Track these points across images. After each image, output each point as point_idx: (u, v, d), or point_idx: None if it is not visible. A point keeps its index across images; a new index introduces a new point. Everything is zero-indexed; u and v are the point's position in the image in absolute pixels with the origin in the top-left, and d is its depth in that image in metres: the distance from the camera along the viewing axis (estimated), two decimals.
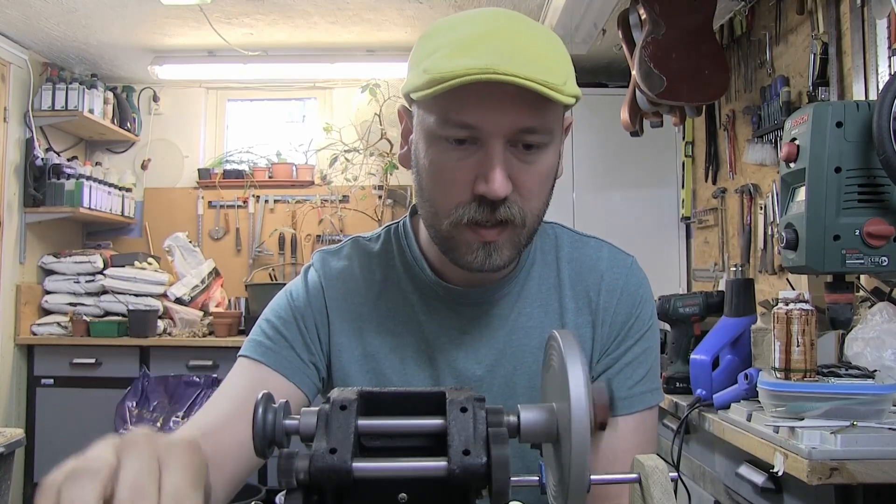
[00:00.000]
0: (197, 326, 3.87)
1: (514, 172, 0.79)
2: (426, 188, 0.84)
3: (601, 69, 3.81)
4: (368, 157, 4.25)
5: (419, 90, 0.76)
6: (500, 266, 0.84)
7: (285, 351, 0.92)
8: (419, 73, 0.77)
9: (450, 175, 0.80)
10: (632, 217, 3.67)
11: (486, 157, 0.78)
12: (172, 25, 3.60)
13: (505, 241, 0.82)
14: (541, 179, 0.83)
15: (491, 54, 0.73)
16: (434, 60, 0.76)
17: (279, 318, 0.94)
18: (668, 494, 0.50)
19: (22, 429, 2.85)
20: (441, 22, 0.83)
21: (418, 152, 0.84)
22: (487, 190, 0.77)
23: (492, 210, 0.79)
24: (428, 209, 0.85)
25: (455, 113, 0.77)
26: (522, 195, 0.81)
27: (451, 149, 0.79)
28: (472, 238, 0.82)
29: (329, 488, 0.47)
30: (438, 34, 0.80)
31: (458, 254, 0.84)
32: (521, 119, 0.77)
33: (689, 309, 1.93)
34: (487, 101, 0.75)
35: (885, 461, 1.20)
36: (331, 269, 0.97)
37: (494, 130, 0.77)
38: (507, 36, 0.77)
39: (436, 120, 0.79)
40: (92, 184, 3.93)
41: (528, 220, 0.83)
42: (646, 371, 0.95)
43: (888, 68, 2.01)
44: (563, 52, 0.81)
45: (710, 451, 1.74)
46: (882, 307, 1.63)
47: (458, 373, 0.93)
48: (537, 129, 0.78)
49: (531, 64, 0.74)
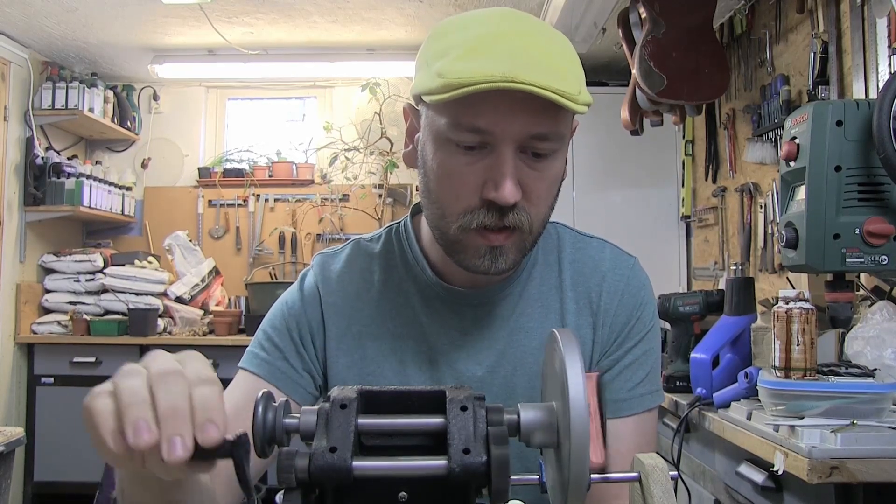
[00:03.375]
0: (197, 325, 3.87)
1: (523, 178, 0.79)
2: (434, 190, 0.83)
3: (601, 68, 3.81)
4: (368, 155, 4.25)
5: (433, 94, 0.75)
6: (506, 270, 0.84)
7: (279, 362, 0.92)
8: (432, 75, 0.76)
9: (459, 179, 0.80)
10: (632, 216, 3.67)
11: (497, 162, 0.77)
12: (172, 24, 3.60)
13: (511, 246, 0.83)
14: (549, 185, 0.83)
15: (507, 60, 0.72)
16: (448, 63, 0.74)
17: (273, 329, 0.95)
18: (669, 493, 0.50)
19: (22, 428, 2.85)
20: (450, 21, 0.82)
21: (426, 153, 0.83)
22: (497, 196, 0.77)
23: (500, 216, 0.79)
24: (435, 211, 0.85)
25: (467, 117, 0.76)
26: (531, 201, 0.80)
27: (460, 152, 0.78)
28: (479, 242, 0.82)
29: (329, 487, 0.47)
30: (449, 33, 0.79)
31: (465, 256, 0.84)
32: (533, 126, 0.76)
33: (689, 308, 1.93)
34: (501, 108, 0.74)
35: (885, 460, 1.20)
36: (329, 272, 0.97)
37: (506, 136, 0.76)
38: (521, 40, 0.75)
39: (447, 123, 0.77)
40: (92, 183, 3.93)
41: (535, 225, 0.83)
42: (646, 373, 0.94)
43: (888, 67, 2.01)
44: (574, 57, 0.80)
45: (711, 450, 1.74)
46: (882, 306, 1.63)
47: (458, 373, 0.93)
48: (549, 137, 0.78)
49: (548, 72, 0.73)
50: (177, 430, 0.46)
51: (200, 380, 0.49)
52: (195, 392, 0.48)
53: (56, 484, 3.63)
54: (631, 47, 2.68)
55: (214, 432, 0.46)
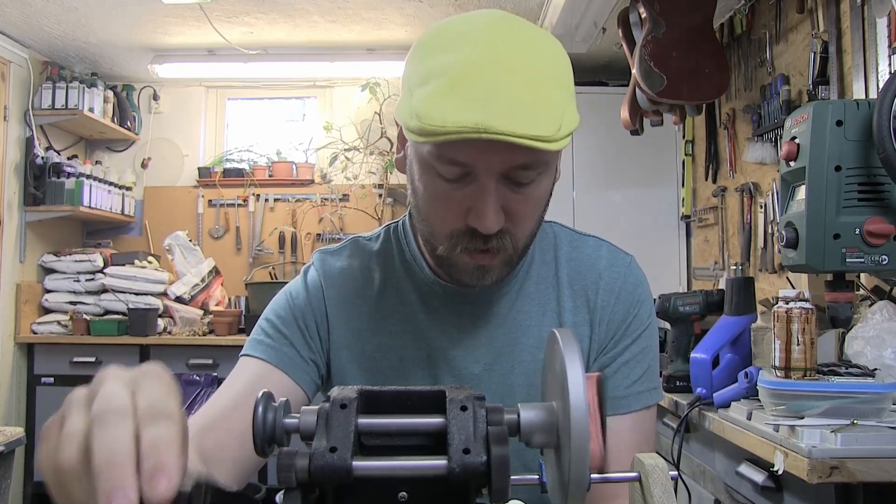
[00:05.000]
0: (197, 325, 3.87)
1: (507, 204, 0.79)
2: (422, 209, 0.85)
3: (601, 68, 3.81)
4: (368, 155, 4.25)
5: (410, 131, 0.75)
6: (495, 283, 0.87)
7: (286, 348, 0.92)
8: (410, 111, 0.75)
9: (444, 203, 0.81)
10: (632, 216, 3.67)
11: (479, 193, 0.77)
12: (172, 24, 3.60)
13: (498, 263, 0.85)
14: (535, 205, 0.83)
15: (483, 104, 0.71)
16: (424, 100, 0.73)
17: (279, 318, 0.95)
18: (669, 493, 0.50)
19: (22, 427, 2.85)
20: (438, 32, 0.80)
21: (413, 172, 0.84)
22: (479, 226, 0.78)
23: (484, 241, 0.81)
24: (424, 228, 0.87)
25: (448, 152, 0.76)
26: (515, 224, 0.81)
27: (444, 180, 0.79)
28: (466, 261, 0.84)
29: (329, 487, 0.47)
30: (432, 53, 0.78)
31: (454, 271, 0.86)
32: (514, 159, 0.76)
33: (689, 308, 1.93)
34: (481, 145, 0.73)
35: (885, 460, 1.20)
36: (330, 268, 0.98)
37: (488, 168, 0.76)
38: (502, 72, 0.73)
39: (429, 152, 0.78)
40: (92, 182, 3.93)
41: (521, 243, 0.85)
42: (643, 370, 0.94)
43: (888, 67, 2.01)
44: (562, 75, 0.78)
45: (711, 450, 1.74)
46: (882, 306, 1.63)
47: (456, 371, 0.93)
48: (531, 166, 0.78)
49: (526, 114, 0.72)
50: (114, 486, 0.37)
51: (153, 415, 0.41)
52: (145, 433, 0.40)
53: None
54: (631, 47, 2.68)
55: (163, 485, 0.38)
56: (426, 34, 0.82)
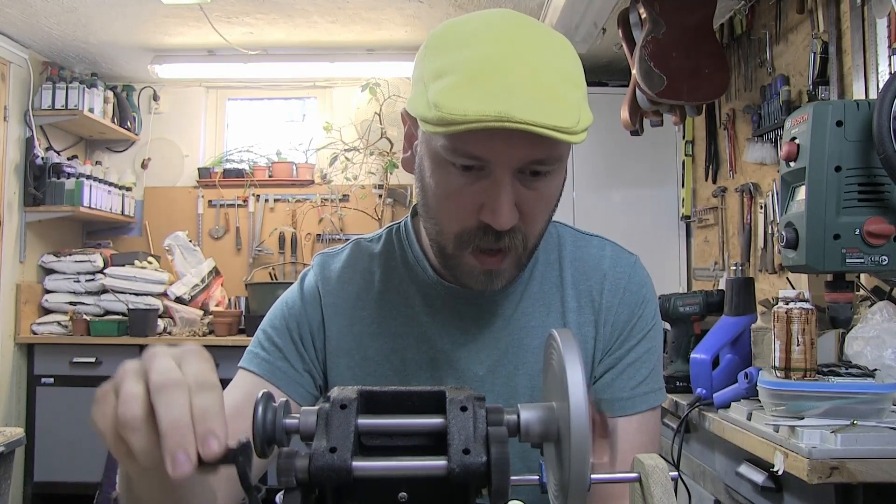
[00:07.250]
0: (197, 325, 3.87)
1: (521, 200, 0.78)
2: (432, 207, 0.83)
3: (601, 68, 3.81)
4: (368, 156, 4.25)
5: (427, 123, 0.74)
6: (502, 287, 0.86)
7: (279, 362, 0.92)
8: (428, 102, 0.74)
9: (456, 200, 0.80)
10: (632, 216, 3.67)
11: (493, 186, 0.76)
12: (172, 24, 3.60)
13: (507, 266, 0.84)
14: (547, 203, 0.83)
15: (503, 95, 0.71)
16: (443, 92, 0.73)
17: (274, 329, 0.95)
18: (669, 493, 0.50)
19: (22, 428, 2.86)
20: (449, 29, 0.80)
21: (423, 169, 0.83)
22: (493, 222, 0.77)
23: (496, 238, 0.80)
24: (433, 226, 0.85)
25: (464, 144, 0.75)
26: (527, 221, 0.81)
27: (458, 173, 0.78)
28: (474, 264, 0.83)
29: (329, 487, 0.47)
30: (446, 49, 0.77)
31: (460, 273, 0.85)
32: (531, 153, 0.76)
33: (689, 308, 1.93)
34: (498, 138, 0.73)
35: (885, 460, 1.20)
36: (330, 272, 0.97)
37: (503, 162, 0.76)
38: (520, 68, 0.74)
39: (443, 146, 0.77)
40: (92, 183, 3.93)
41: (531, 241, 0.84)
42: (648, 371, 0.94)
43: (888, 67, 2.01)
44: (575, 73, 0.78)
45: (711, 450, 1.74)
46: (882, 306, 1.63)
47: (459, 373, 0.92)
48: (546, 161, 0.77)
49: (545, 105, 0.71)
50: (179, 445, 0.46)
51: (200, 386, 0.49)
52: (195, 401, 0.48)
53: (56, 484, 3.63)
54: (631, 47, 2.68)
55: (216, 446, 0.47)
56: (438, 31, 0.81)
